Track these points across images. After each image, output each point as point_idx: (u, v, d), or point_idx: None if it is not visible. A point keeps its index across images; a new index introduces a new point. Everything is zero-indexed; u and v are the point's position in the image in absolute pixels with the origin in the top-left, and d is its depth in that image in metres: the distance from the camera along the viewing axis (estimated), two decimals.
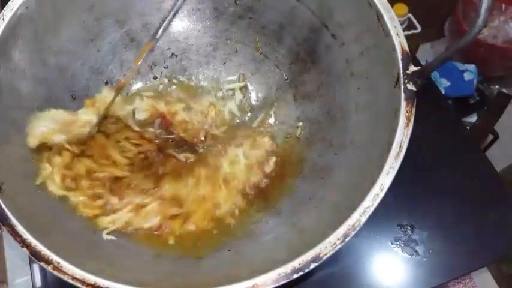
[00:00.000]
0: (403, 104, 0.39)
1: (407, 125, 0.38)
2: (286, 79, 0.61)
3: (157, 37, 0.53)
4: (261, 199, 0.53)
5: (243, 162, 0.53)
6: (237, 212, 0.51)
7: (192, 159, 0.54)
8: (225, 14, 0.61)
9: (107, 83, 0.59)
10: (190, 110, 0.58)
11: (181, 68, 0.63)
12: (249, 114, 0.60)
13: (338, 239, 0.35)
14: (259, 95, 0.61)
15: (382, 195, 0.36)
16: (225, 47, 0.63)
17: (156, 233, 0.47)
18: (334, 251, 0.35)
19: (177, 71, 0.63)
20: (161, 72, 0.62)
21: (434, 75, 1.03)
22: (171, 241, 0.47)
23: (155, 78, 0.62)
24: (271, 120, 0.59)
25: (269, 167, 0.54)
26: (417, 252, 0.53)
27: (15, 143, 0.45)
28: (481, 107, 1.05)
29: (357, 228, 0.35)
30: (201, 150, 0.55)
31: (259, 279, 0.34)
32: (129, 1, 0.58)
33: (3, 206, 0.38)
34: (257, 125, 0.59)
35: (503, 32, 1.04)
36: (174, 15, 0.50)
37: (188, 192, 0.50)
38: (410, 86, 0.40)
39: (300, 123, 0.57)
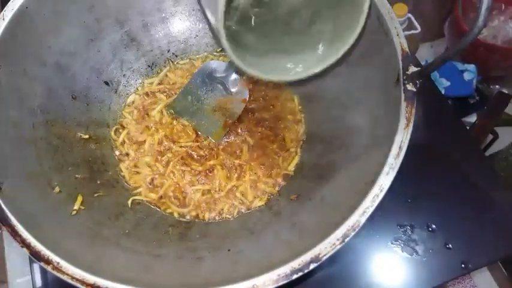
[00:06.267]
0: (403, 104, 0.39)
1: (407, 125, 0.38)
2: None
3: None
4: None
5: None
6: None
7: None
8: None
9: (107, 83, 0.59)
10: None
11: None
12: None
13: (338, 240, 0.35)
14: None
15: (381, 195, 0.36)
16: None
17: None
18: (333, 251, 0.35)
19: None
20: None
21: (434, 75, 1.03)
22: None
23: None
24: None
25: None
26: (417, 252, 0.53)
27: (15, 142, 0.45)
28: (481, 107, 1.05)
29: (357, 229, 0.35)
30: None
31: (258, 280, 0.34)
32: (129, 1, 0.58)
33: (3, 206, 0.38)
34: None
35: (503, 32, 1.03)
36: None
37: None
38: (410, 87, 0.40)
39: None
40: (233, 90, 0.54)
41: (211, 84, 0.56)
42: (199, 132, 0.57)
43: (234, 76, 0.53)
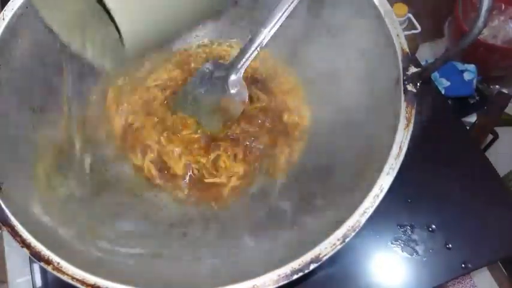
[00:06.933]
0: (403, 105, 0.39)
1: (407, 125, 0.38)
2: None
3: None
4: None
5: None
6: None
7: None
8: (225, 14, 0.61)
9: (107, 83, 0.59)
10: None
11: None
12: None
13: (338, 240, 0.35)
14: None
15: (382, 195, 0.36)
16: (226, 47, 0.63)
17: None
18: (334, 251, 0.35)
19: None
20: None
21: (434, 75, 1.03)
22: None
23: None
24: None
25: None
26: (417, 252, 0.53)
27: (15, 142, 0.45)
28: (481, 107, 1.05)
29: (357, 229, 0.35)
30: None
31: (258, 280, 0.34)
32: None
33: (3, 206, 0.38)
34: None
35: (503, 32, 1.04)
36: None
37: None
38: (410, 87, 0.40)
39: None
40: (232, 91, 0.54)
41: (211, 85, 0.56)
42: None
43: (233, 77, 0.53)
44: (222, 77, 0.54)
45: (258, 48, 0.50)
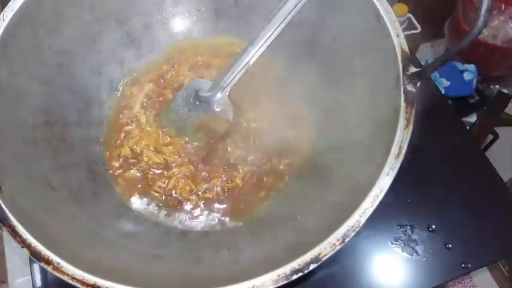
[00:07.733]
0: (403, 104, 0.39)
1: (406, 125, 0.38)
2: None
3: None
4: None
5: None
6: None
7: None
8: (225, 15, 0.61)
9: (107, 83, 0.59)
10: None
11: None
12: None
13: (338, 240, 0.35)
14: None
15: (381, 196, 0.36)
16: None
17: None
18: (333, 251, 0.35)
19: None
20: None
21: (434, 75, 1.03)
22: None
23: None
24: None
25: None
26: (417, 252, 0.53)
27: (15, 142, 0.45)
28: (481, 107, 1.05)
29: (357, 229, 0.35)
30: None
31: (258, 280, 0.34)
32: (129, 1, 0.58)
33: (3, 206, 0.38)
34: None
35: (503, 32, 1.04)
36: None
37: None
38: (410, 87, 0.40)
39: None
40: (217, 109, 0.53)
41: (195, 103, 0.55)
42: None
43: (219, 95, 0.52)
44: (207, 96, 0.53)
45: (245, 68, 0.49)
